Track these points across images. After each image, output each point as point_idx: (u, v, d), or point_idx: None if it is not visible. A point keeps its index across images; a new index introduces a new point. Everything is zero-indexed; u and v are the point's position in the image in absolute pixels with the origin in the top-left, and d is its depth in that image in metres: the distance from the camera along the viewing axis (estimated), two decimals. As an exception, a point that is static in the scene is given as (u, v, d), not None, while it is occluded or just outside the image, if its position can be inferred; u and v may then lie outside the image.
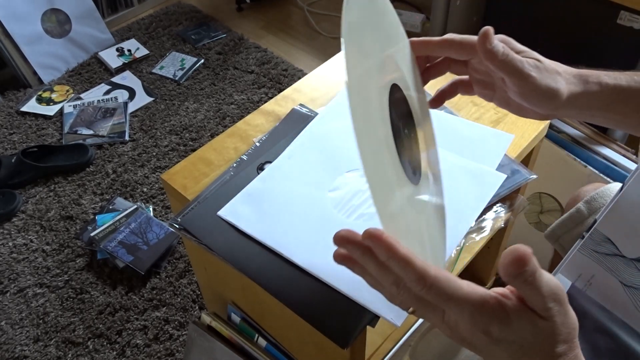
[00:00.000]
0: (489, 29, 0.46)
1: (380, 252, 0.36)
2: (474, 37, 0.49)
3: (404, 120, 0.48)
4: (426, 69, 0.55)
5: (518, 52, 0.47)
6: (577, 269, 0.56)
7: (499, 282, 1.25)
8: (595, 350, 0.50)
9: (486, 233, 0.70)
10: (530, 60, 0.47)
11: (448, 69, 0.55)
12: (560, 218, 0.76)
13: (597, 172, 1.04)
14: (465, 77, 0.55)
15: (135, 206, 1.41)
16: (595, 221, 0.56)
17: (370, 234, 0.36)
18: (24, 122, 1.71)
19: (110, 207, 1.45)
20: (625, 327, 0.52)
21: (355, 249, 0.38)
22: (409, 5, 2.11)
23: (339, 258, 0.40)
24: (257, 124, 0.84)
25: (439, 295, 0.35)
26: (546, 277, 0.34)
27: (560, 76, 0.47)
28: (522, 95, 0.48)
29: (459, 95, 0.85)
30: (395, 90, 0.47)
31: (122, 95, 1.79)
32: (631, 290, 0.53)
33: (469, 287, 0.36)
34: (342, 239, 0.38)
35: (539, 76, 0.46)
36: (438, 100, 0.57)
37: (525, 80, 0.46)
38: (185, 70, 1.88)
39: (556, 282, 0.35)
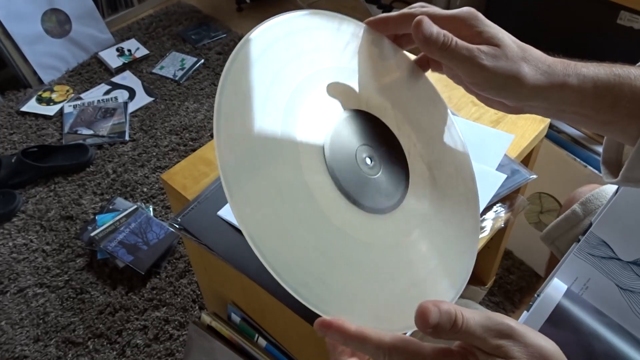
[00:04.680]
0: (422, 17, 0.41)
1: (334, 337, 0.36)
2: (439, 10, 0.44)
3: (368, 146, 0.44)
4: (395, 41, 0.50)
5: (478, 34, 0.42)
6: (573, 272, 0.56)
7: (498, 283, 1.25)
8: (591, 355, 0.50)
9: (486, 233, 0.70)
10: (484, 47, 0.41)
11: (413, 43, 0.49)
12: (556, 220, 0.76)
13: (597, 172, 1.04)
14: None
15: (135, 206, 1.41)
16: (590, 224, 0.56)
17: (319, 324, 0.36)
18: (24, 122, 1.71)
19: (110, 207, 1.45)
20: (622, 331, 0.52)
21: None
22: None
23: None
24: (257, 124, 0.84)
25: (403, 356, 0.34)
26: (477, 318, 0.33)
27: (528, 64, 0.42)
28: (476, 86, 0.43)
29: (459, 96, 0.85)
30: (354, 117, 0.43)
31: (122, 95, 1.80)
32: (627, 294, 0.53)
33: (430, 345, 0.35)
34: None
35: (493, 64, 0.41)
36: (421, 64, 0.52)
37: (475, 70, 0.41)
38: (185, 70, 1.88)
39: (494, 320, 0.33)
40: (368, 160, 0.44)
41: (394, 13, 0.46)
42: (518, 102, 0.44)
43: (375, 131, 0.46)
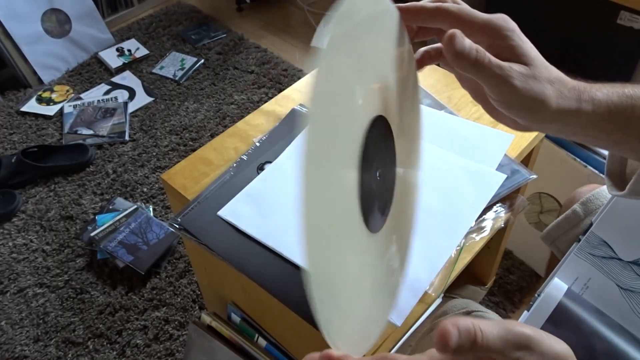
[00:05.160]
0: (455, 31, 0.40)
1: None
2: (474, 12, 0.43)
3: (380, 158, 0.42)
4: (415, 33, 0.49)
5: (510, 48, 0.41)
6: (573, 272, 0.56)
7: (498, 283, 1.25)
8: (591, 354, 0.50)
9: (486, 233, 0.70)
10: (516, 66, 0.41)
11: (436, 35, 0.47)
12: (556, 220, 0.76)
13: (597, 172, 1.04)
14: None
15: (135, 206, 1.41)
16: (591, 224, 0.56)
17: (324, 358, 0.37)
18: (24, 122, 1.71)
19: (110, 207, 1.45)
20: (622, 330, 0.52)
21: None
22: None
23: None
24: (257, 124, 0.84)
25: None
26: (495, 332, 0.32)
27: (552, 86, 0.41)
28: (501, 104, 0.43)
29: (459, 96, 0.85)
30: (377, 124, 0.41)
31: (122, 95, 1.79)
32: (628, 293, 0.53)
33: (420, 356, 0.35)
34: None
35: (524, 86, 0.40)
36: (420, 63, 0.50)
37: (506, 89, 0.40)
38: (185, 70, 1.88)
39: (513, 331, 0.33)
40: (377, 175, 0.42)
41: (428, 4, 0.44)
42: (534, 123, 0.43)
43: (385, 140, 0.44)
